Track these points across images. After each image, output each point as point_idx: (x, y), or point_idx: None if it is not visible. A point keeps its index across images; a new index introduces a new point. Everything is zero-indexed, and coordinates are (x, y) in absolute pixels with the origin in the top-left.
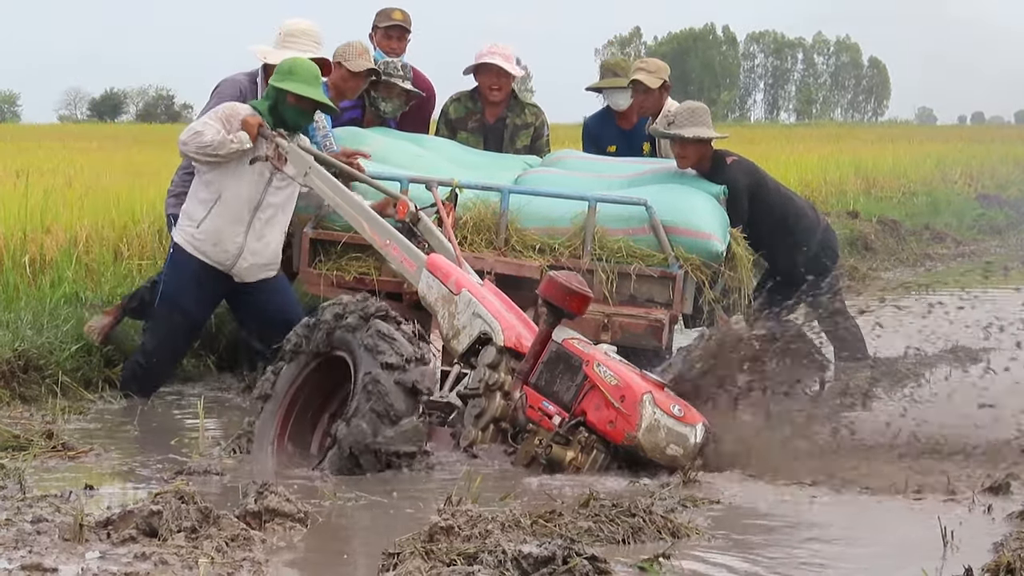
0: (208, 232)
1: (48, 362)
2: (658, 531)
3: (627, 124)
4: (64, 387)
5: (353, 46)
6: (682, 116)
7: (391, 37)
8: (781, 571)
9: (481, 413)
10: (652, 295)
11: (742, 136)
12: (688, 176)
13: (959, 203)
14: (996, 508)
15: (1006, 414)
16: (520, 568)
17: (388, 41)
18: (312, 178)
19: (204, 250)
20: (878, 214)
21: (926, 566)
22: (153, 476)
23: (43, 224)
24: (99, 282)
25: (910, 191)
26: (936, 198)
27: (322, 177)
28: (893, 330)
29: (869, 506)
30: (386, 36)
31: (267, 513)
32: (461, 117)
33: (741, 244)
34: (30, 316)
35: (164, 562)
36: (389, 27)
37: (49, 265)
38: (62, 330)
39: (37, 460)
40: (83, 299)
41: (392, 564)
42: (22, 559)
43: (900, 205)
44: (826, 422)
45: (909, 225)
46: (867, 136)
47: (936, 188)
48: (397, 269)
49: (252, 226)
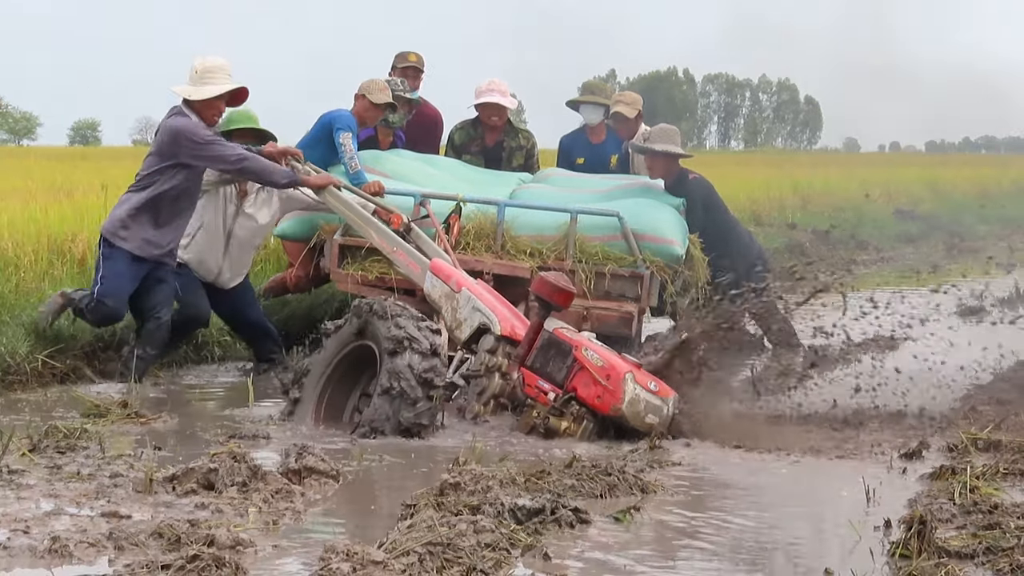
0: (193, 253)
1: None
2: (630, 487)
3: (596, 139)
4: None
5: (376, 83)
6: (656, 134)
7: (407, 76)
8: (730, 520)
9: (483, 391)
10: (624, 291)
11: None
12: (654, 191)
13: (880, 217)
14: (910, 470)
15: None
16: (515, 517)
17: (405, 80)
18: (326, 196)
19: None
20: (812, 225)
21: (852, 518)
22: (211, 439)
23: None
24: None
25: (839, 207)
26: (860, 213)
27: (334, 196)
28: (820, 325)
29: (804, 468)
30: (403, 75)
31: (305, 471)
32: (465, 142)
33: (698, 248)
34: None
35: (220, 511)
36: (405, 67)
37: None
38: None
39: (114, 425)
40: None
41: (409, 513)
42: (102, 507)
43: (830, 218)
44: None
45: (838, 235)
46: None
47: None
48: (404, 272)
49: (228, 251)
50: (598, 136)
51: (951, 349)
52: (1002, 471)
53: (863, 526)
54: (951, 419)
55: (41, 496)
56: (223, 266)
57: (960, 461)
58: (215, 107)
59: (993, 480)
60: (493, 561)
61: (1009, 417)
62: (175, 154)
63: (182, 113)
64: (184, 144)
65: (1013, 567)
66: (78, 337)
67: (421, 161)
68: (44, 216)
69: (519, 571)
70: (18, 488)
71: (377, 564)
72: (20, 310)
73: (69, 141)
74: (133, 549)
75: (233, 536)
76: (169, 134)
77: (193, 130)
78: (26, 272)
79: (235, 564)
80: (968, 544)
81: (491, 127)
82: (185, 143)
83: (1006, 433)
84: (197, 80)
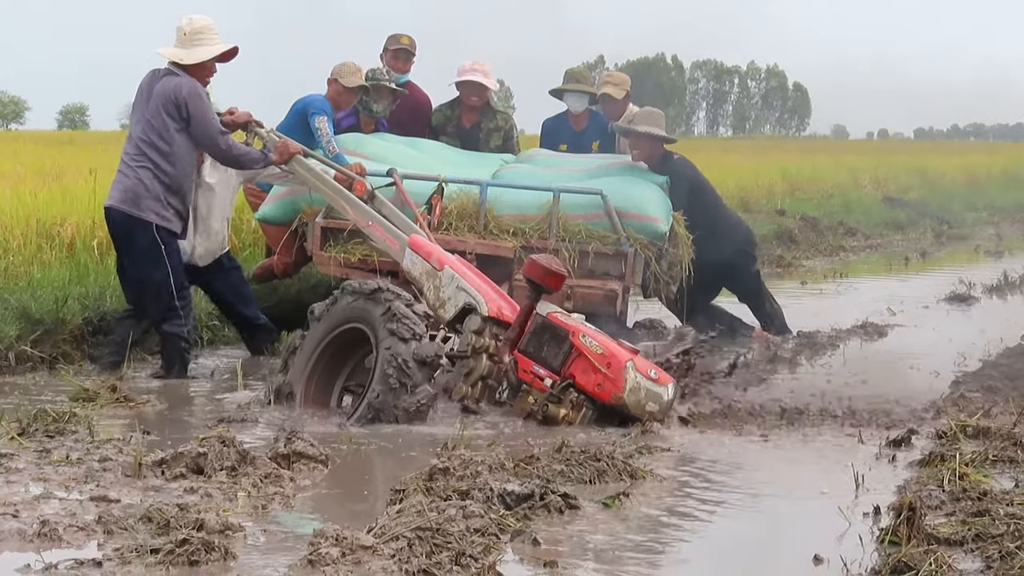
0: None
1: (113, 328)
2: (619, 473)
3: (578, 126)
4: None
5: (347, 66)
6: (640, 116)
7: (398, 58)
8: (719, 506)
9: (470, 372)
10: (608, 269)
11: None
12: (637, 169)
13: (868, 204)
14: (899, 457)
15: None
16: (505, 503)
17: (396, 61)
18: (294, 166)
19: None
20: (801, 212)
21: (841, 504)
22: (199, 423)
23: None
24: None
25: (827, 193)
26: (849, 199)
27: (304, 166)
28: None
29: (794, 454)
30: (394, 57)
31: (295, 455)
32: (442, 123)
33: (682, 225)
34: (97, 290)
35: (209, 495)
36: (397, 49)
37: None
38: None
39: (103, 409)
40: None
41: (399, 498)
42: (91, 491)
43: (819, 205)
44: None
45: (827, 221)
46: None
47: (849, 191)
48: (381, 247)
49: (196, 227)
50: (580, 123)
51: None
52: (991, 458)
53: (852, 513)
54: (939, 407)
55: (30, 480)
56: (195, 242)
57: (949, 448)
58: (208, 68)
59: (982, 467)
60: (482, 546)
61: (998, 404)
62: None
63: (173, 72)
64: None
65: (1002, 553)
66: (67, 321)
67: (404, 144)
68: (33, 200)
69: (508, 556)
70: (7, 472)
71: (366, 549)
72: (9, 294)
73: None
74: (122, 533)
75: (222, 520)
76: (174, 92)
77: (198, 90)
78: (15, 256)
79: (224, 548)
80: (957, 531)
81: (469, 107)
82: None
83: (995, 420)
84: (187, 42)
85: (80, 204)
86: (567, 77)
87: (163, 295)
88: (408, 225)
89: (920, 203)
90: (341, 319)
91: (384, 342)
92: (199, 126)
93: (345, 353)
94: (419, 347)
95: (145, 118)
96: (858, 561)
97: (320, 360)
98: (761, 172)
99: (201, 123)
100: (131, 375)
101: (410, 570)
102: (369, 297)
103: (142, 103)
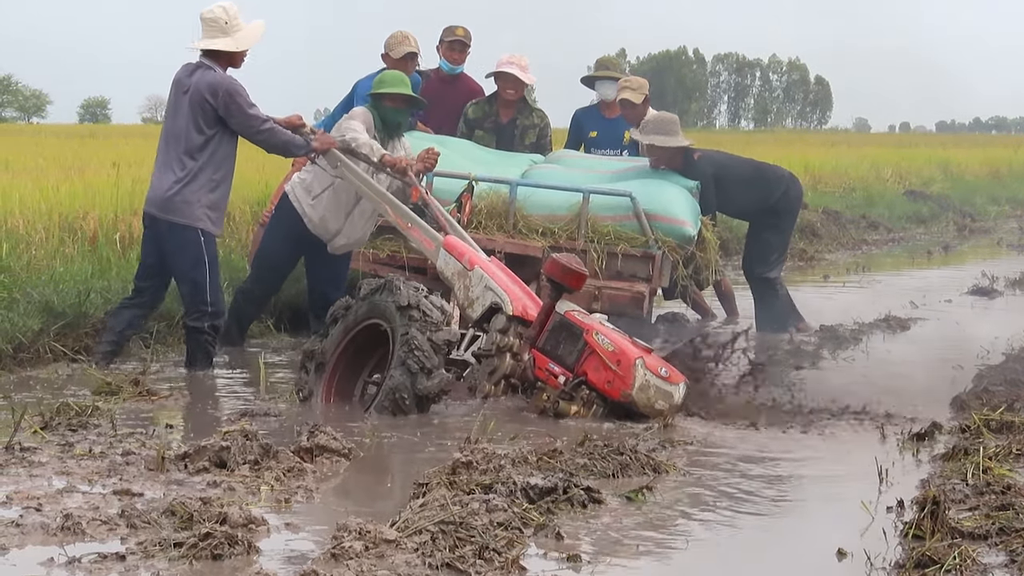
0: (317, 211)
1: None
2: (642, 467)
3: (610, 113)
4: (147, 342)
5: (394, 36)
6: (649, 125)
7: (454, 50)
8: (742, 500)
9: (494, 371)
10: (635, 271)
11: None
12: (665, 172)
13: (890, 197)
14: (923, 451)
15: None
16: (528, 496)
17: (451, 53)
18: (343, 170)
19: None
20: (823, 206)
21: (865, 498)
22: (222, 417)
23: (131, 207)
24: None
25: (849, 187)
26: (871, 193)
27: (351, 170)
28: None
29: (817, 448)
30: (450, 48)
31: (317, 449)
32: (479, 118)
33: (709, 229)
34: (119, 283)
35: (232, 489)
36: (452, 41)
37: (136, 242)
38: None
39: (126, 403)
40: None
41: (422, 492)
42: (114, 485)
43: (841, 199)
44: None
45: (849, 215)
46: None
47: (871, 185)
48: (417, 247)
49: (351, 215)
50: (612, 111)
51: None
52: (1015, 452)
53: (876, 507)
54: (962, 400)
55: (53, 474)
56: (343, 228)
57: (973, 442)
58: (244, 53)
59: (1006, 461)
60: (505, 540)
61: (1021, 398)
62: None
63: (208, 67)
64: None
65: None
66: (90, 315)
67: (433, 142)
68: (55, 194)
69: (531, 550)
70: (30, 466)
71: (390, 543)
72: (31, 287)
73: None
74: (145, 527)
75: (245, 514)
76: (212, 89)
77: (237, 85)
78: (37, 249)
79: (247, 542)
80: (981, 525)
81: (505, 103)
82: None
83: (1018, 414)
84: (230, 29)
85: (102, 197)
86: (597, 65)
87: (197, 292)
88: (453, 227)
89: (942, 197)
90: (359, 317)
91: (401, 329)
92: (241, 118)
93: (366, 351)
94: (435, 332)
95: (183, 114)
96: (882, 555)
97: (343, 356)
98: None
99: (241, 115)
100: (154, 368)
101: (433, 564)
102: (384, 290)
103: (178, 98)
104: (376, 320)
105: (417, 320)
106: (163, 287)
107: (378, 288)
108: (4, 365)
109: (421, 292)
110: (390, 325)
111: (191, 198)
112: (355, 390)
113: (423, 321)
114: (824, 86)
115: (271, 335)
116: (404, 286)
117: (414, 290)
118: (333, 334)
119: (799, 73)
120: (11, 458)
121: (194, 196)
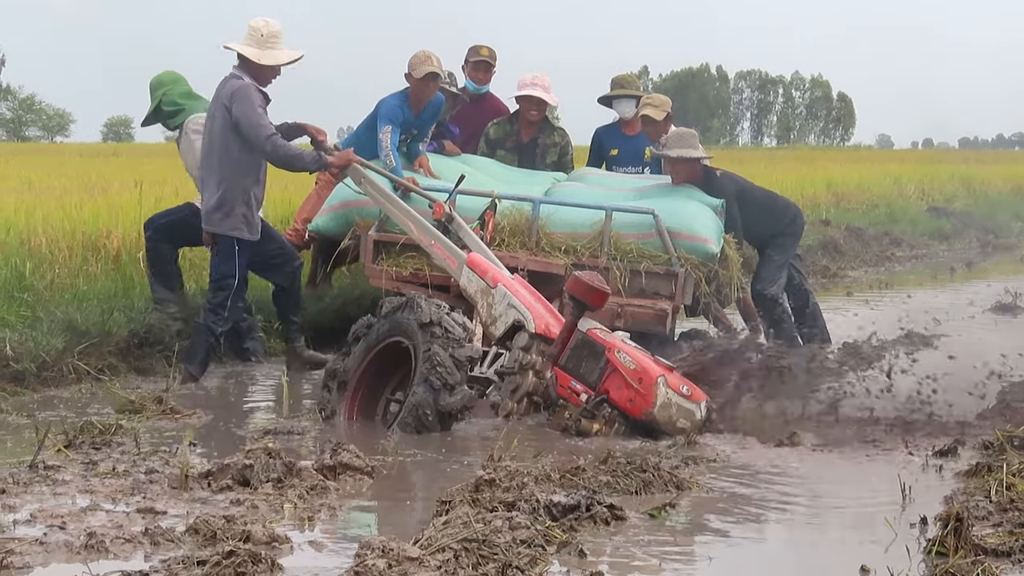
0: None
1: (159, 339)
2: (665, 484)
3: (630, 131)
4: (170, 360)
5: (416, 56)
6: (671, 140)
7: (479, 70)
8: (765, 517)
9: (516, 388)
10: (658, 289)
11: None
12: (687, 189)
13: (913, 214)
14: (946, 468)
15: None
16: (551, 514)
17: (476, 72)
18: (366, 187)
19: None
20: (846, 222)
21: (888, 514)
22: (245, 435)
23: None
24: (201, 274)
25: (872, 203)
26: (894, 209)
27: (375, 187)
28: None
29: (840, 464)
30: (475, 68)
31: (340, 467)
32: (500, 137)
33: (732, 247)
34: (143, 302)
35: (255, 507)
36: (477, 61)
37: None
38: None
39: (149, 421)
40: (187, 288)
41: (445, 510)
42: (137, 503)
43: (864, 215)
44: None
45: (872, 232)
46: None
47: (894, 201)
48: (440, 265)
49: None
50: (633, 128)
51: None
52: None
53: (899, 523)
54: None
55: (77, 492)
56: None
57: (996, 459)
58: (275, 72)
59: None
60: (528, 558)
61: None
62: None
63: (239, 76)
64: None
65: None
66: (113, 333)
67: (457, 161)
68: (78, 212)
69: (554, 568)
70: (54, 484)
71: (413, 560)
72: (55, 306)
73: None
74: (169, 545)
75: (269, 532)
76: (230, 94)
77: (252, 93)
78: (61, 268)
79: (271, 560)
80: (1005, 542)
81: (527, 123)
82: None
83: None
84: (263, 43)
85: (126, 216)
86: (613, 84)
87: (220, 292)
88: (477, 244)
89: (965, 213)
90: (381, 335)
91: (423, 346)
92: (245, 126)
93: (388, 370)
94: (458, 348)
95: (217, 123)
96: (905, 572)
97: (364, 376)
98: (806, 182)
99: (245, 124)
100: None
101: None
102: (405, 308)
103: (215, 107)
104: (398, 338)
105: (439, 337)
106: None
107: (400, 306)
108: (28, 384)
109: (443, 309)
110: (412, 342)
111: (228, 209)
112: (378, 408)
113: (445, 338)
114: (847, 103)
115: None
116: (426, 303)
117: (436, 307)
118: (355, 352)
119: (822, 90)
120: (35, 476)
121: (229, 206)
